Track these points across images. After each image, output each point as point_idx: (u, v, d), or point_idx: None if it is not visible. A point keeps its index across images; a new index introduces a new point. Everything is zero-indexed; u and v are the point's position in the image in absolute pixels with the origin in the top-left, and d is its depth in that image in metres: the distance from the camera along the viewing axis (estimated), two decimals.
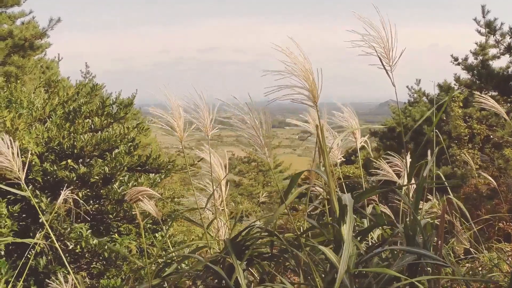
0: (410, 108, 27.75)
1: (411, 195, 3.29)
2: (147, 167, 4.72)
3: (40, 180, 4.22)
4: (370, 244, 3.28)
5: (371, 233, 3.42)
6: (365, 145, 4.02)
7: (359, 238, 2.93)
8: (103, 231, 4.70)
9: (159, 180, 4.64)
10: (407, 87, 31.07)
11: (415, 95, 30.62)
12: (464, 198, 14.25)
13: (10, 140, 2.83)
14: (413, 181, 3.11)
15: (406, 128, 24.88)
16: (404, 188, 3.47)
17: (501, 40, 17.22)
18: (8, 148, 2.81)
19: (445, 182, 4.19)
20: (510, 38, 16.85)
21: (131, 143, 4.71)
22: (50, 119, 4.91)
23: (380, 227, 3.40)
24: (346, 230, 2.37)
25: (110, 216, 4.62)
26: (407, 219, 3.01)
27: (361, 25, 2.70)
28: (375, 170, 3.98)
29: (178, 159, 5.30)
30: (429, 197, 3.70)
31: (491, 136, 18.45)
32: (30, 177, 4.11)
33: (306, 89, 2.60)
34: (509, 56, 17.18)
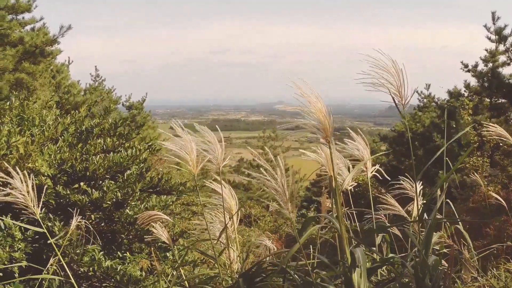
0: (419, 113, 27.71)
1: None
2: (159, 188, 4.76)
3: (53, 202, 4.25)
4: (378, 278, 3.30)
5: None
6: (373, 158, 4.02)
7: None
8: (115, 249, 4.72)
9: (171, 203, 4.67)
10: (417, 91, 30.98)
11: (425, 100, 30.59)
12: (473, 208, 14.26)
13: (24, 173, 2.85)
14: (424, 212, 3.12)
15: (416, 134, 24.85)
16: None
17: (510, 49, 17.20)
18: (22, 183, 2.83)
19: (456, 215, 4.18)
20: None
21: (143, 164, 4.74)
22: (62, 137, 4.94)
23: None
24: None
25: (122, 235, 4.65)
26: (417, 258, 3.01)
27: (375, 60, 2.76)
28: (381, 205, 3.98)
29: (189, 181, 5.31)
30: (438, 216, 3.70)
31: (501, 144, 18.41)
32: (43, 199, 4.13)
33: (320, 127, 2.64)
34: None
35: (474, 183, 17.32)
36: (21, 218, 4.03)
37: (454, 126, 19.62)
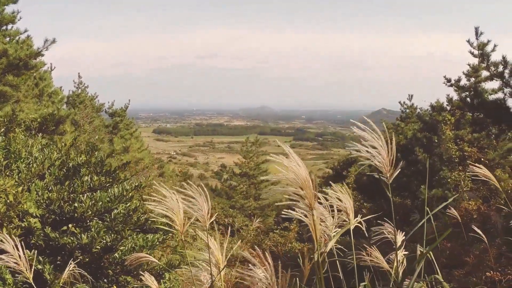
0: (402, 125, 27.90)
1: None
2: (146, 227, 4.78)
3: (43, 244, 4.27)
4: None
5: None
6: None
7: None
8: (102, 283, 4.74)
9: (157, 243, 4.68)
10: (399, 102, 31.31)
11: (407, 110, 30.82)
12: (454, 223, 14.37)
13: (17, 240, 2.86)
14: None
15: (398, 145, 24.99)
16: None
17: (494, 70, 17.33)
18: (14, 249, 2.84)
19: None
20: (503, 68, 16.94)
21: (130, 203, 4.76)
22: (49, 171, 4.95)
23: None
24: None
25: (109, 271, 4.67)
26: None
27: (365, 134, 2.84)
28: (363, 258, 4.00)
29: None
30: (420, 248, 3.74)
31: (482, 159, 18.55)
32: (32, 241, 4.16)
33: (303, 195, 2.69)
34: (504, 87, 17.28)
35: (456, 198, 17.47)
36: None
37: (436, 140, 19.76)
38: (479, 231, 4.88)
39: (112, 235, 4.39)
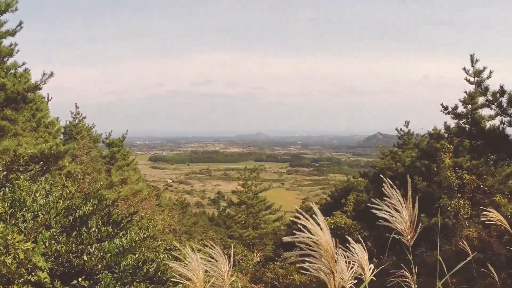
0: (399, 152, 27.90)
1: None
2: (155, 279, 4.71)
3: None
4: None
5: None
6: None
7: None
8: None
9: None
10: (396, 129, 31.34)
11: (404, 136, 30.85)
12: (455, 252, 14.33)
13: None
14: None
15: (396, 173, 24.98)
16: None
17: (491, 99, 17.40)
18: None
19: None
20: (500, 97, 17.02)
21: (138, 254, 4.70)
22: (55, 219, 4.90)
23: None
24: None
25: None
26: None
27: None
28: None
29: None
30: None
31: (481, 186, 18.58)
32: None
33: (325, 265, 2.65)
34: (503, 117, 17.33)
35: (456, 225, 17.45)
36: None
37: (435, 169, 19.77)
38: (489, 266, 4.82)
39: (122, 287, 4.32)
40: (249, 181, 41.56)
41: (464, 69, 19.44)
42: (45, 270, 4.17)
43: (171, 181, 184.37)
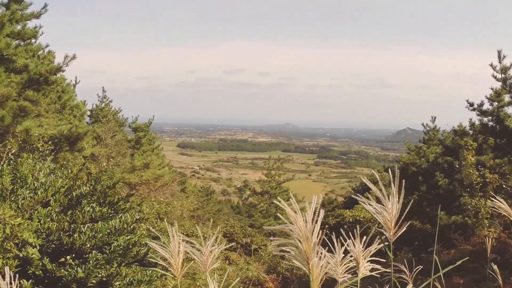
0: (424, 148, 27.63)
1: None
2: (145, 261, 4.73)
3: (41, 274, 4.24)
4: None
5: None
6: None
7: None
8: None
9: (156, 278, 4.62)
10: (422, 124, 31.03)
11: (430, 132, 30.55)
12: (474, 252, 14.19)
13: (9, 271, 2.80)
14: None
15: (420, 168, 24.75)
16: None
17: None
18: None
19: None
20: None
21: (130, 235, 4.71)
22: (54, 198, 4.93)
23: None
24: None
25: None
26: None
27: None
28: None
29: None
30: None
31: (504, 186, 18.29)
32: (29, 272, 4.13)
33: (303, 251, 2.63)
34: None
35: (476, 225, 17.24)
36: None
37: (457, 166, 19.52)
38: (495, 267, 4.75)
39: (108, 270, 4.34)
40: (272, 171, 41.52)
41: (491, 65, 19.15)
42: (36, 247, 4.20)
43: (198, 168, 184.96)
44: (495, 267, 4.67)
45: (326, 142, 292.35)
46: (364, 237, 2.98)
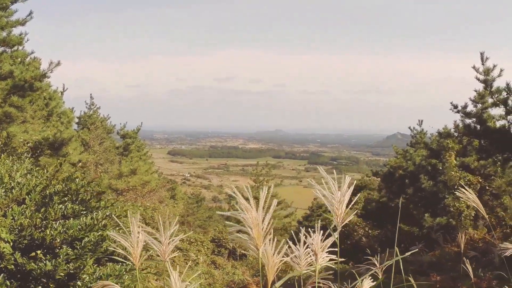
0: (411, 151, 27.81)
1: None
2: (114, 256, 4.83)
3: (13, 268, 4.35)
4: None
5: None
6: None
7: None
8: None
9: (124, 272, 4.73)
10: (409, 128, 31.22)
11: (417, 136, 30.72)
12: (457, 252, 14.32)
13: None
14: None
15: (406, 172, 24.92)
16: None
17: (497, 97, 17.26)
18: None
19: None
20: (506, 95, 16.86)
21: (101, 232, 4.82)
22: (29, 196, 5.04)
23: None
24: None
25: None
26: None
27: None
28: None
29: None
30: None
31: (487, 187, 18.43)
32: (1, 265, 4.24)
33: (253, 237, 2.75)
34: (508, 115, 17.17)
35: (460, 226, 17.38)
36: None
37: (441, 168, 19.67)
38: (467, 267, 4.85)
39: (77, 263, 4.45)
40: (260, 177, 41.60)
41: (473, 67, 19.26)
42: (8, 242, 4.31)
43: (189, 175, 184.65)
44: (468, 265, 4.79)
45: (316, 148, 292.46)
46: (321, 231, 3.09)
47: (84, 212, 5.02)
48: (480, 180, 18.26)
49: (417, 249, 16.14)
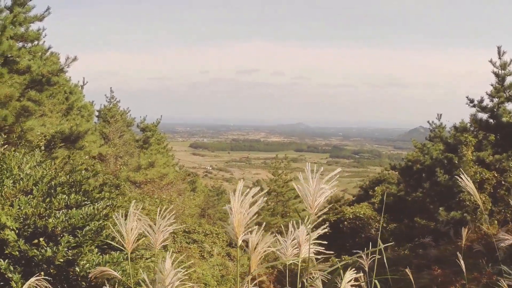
0: (429, 145, 27.74)
1: None
2: (113, 245, 5.02)
3: (17, 254, 4.57)
4: None
5: None
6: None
7: None
8: None
9: (122, 259, 4.92)
10: (428, 122, 31.12)
11: (436, 130, 30.62)
12: (467, 247, 14.35)
13: None
14: None
15: (424, 166, 24.85)
16: None
17: (509, 91, 17.24)
18: None
19: None
20: None
21: (102, 221, 5.02)
22: (37, 187, 5.25)
23: None
24: None
25: (75, 284, 4.92)
26: None
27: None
28: None
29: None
30: None
31: (503, 182, 18.36)
32: (6, 252, 4.47)
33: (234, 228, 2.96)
34: None
35: (474, 221, 17.37)
36: None
37: (456, 162, 19.60)
38: (461, 263, 4.94)
39: (75, 250, 4.66)
40: (279, 170, 41.69)
41: (491, 61, 19.20)
42: (14, 230, 4.53)
43: (210, 168, 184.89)
44: (461, 261, 4.90)
45: (338, 141, 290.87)
46: (309, 225, 3.26)
47: (87, 202, 5.23)
48: (496, 175, 18.20)
49: (416, 243, 16.10)
